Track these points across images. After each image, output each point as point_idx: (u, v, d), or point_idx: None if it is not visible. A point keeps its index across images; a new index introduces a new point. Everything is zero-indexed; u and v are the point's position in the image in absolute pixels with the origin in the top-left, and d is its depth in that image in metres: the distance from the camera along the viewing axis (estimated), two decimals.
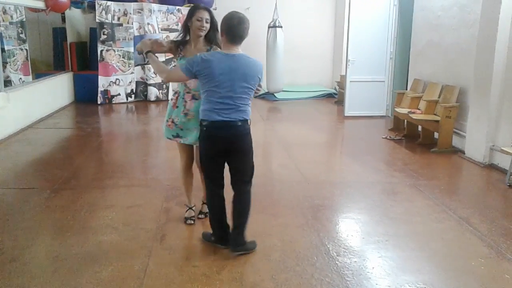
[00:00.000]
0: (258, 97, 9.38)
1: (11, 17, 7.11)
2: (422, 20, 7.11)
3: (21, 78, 7.35)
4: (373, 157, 5.70)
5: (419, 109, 6.66)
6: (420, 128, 6.51)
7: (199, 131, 3.02)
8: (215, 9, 8.99)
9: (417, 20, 7.30)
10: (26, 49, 7.56)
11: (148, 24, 9.47)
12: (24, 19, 7.50)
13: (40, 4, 7.84)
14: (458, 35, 6.11)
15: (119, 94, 9.45)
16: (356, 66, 8.03)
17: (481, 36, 5.36)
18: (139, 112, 8.89)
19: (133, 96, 9.68)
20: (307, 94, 10.65)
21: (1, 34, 6.78)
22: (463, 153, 5.69)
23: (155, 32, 9.57)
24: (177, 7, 9.88)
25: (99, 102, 9.20)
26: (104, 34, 9.13)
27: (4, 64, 6.69)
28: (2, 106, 6.23)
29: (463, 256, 3.15)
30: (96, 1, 8.98)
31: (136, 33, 9.45)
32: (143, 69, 9.70)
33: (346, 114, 8.25)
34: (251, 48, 4.57)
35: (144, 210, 3.83)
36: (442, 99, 6.22)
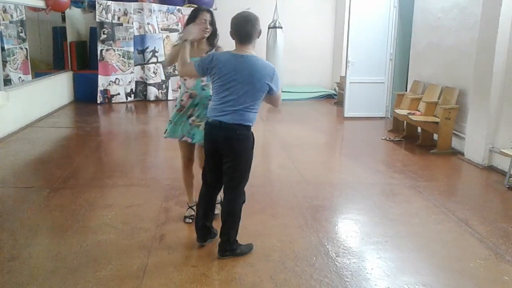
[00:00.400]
0: None
1: (11, 16, 7.10)
2: (422, 21, 7.12)
3: (20, 77, 7.33)
4: (372, 158, 5.71)
5: (419, 110, 6.66)
6: (419, 129, 6.52)
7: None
8: (215, 9, 9.01)
9: (417, 21, 7.30)
10: (26, 48, 7.54)
11: (148, 24, 9.48)
12: (24, 18, 7.49)
13: (41, 3, 7.85)
14: (458, 37, 6.11)
15: (119, 94, 9.44)
16: (356, 67, 8.04)
17: (481, 38, 5.37)
18: (139, 111, 8.89)
19: (132, 95, 9.67)
20: (307, 95, 10.64)
21: (1, 33, 6.77)
22: (463, 154, 5.70)
23: (155, 32, 9.58)
24: (177, 7, 9.90)
25: (98, 102, 9.19)
26: (104, 34, 9.13)
27: (4, 63, 6.67)
28: (2, 105, 6.23)
29: (462, 257, 3.15)
30: (96, 0, 8.98)
31: (136, 33, 9.45)
32: (143, 69, 9.69)
33: (345, 115, 8.25)
34: None
35: (144, 210, 3.83)
36: (442, 100, 6.23)
